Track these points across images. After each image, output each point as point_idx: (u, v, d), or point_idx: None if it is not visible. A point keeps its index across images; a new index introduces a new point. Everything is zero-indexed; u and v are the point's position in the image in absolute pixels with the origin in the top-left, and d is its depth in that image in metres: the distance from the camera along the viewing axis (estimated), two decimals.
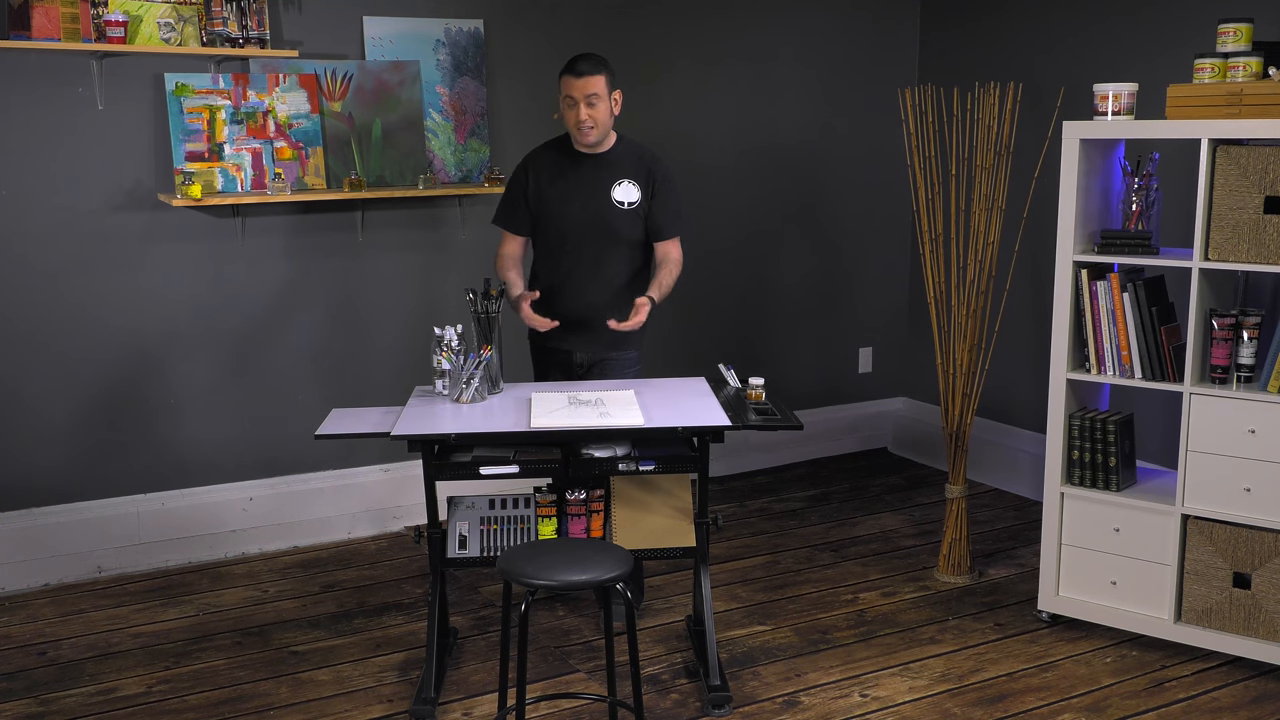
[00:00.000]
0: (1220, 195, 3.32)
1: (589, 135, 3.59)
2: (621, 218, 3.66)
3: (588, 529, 3.37)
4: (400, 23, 4.36)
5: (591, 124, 3.57)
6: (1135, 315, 3.51)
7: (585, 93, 3.53)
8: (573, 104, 3.56)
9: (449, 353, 3.38)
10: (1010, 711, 3.23)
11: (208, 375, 4.29)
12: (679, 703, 3.28)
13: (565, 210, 3.67)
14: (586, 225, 3.66)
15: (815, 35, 5.20)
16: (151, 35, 3.90)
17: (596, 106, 3.55)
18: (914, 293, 5.59)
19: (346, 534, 4.57)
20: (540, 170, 3.71)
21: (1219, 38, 3.38)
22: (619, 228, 3.66)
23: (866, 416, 5.67)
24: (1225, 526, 3.41)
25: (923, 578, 4.16)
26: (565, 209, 3.67)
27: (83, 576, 4.16)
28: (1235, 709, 3.23)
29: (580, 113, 3.55)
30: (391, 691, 3.35)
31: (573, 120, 3.58)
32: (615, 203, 3.65)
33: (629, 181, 3.66)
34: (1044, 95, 4.48)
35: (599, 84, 3.55)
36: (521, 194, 3.73)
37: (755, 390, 3.47)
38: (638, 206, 3.67)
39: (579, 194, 3.66)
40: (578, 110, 3.55)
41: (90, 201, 4.03)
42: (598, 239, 3.66)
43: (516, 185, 3.76)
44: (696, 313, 5.06)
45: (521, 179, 3.74)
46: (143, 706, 3.27)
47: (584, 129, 3.58)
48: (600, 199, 3.65)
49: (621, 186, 3.65)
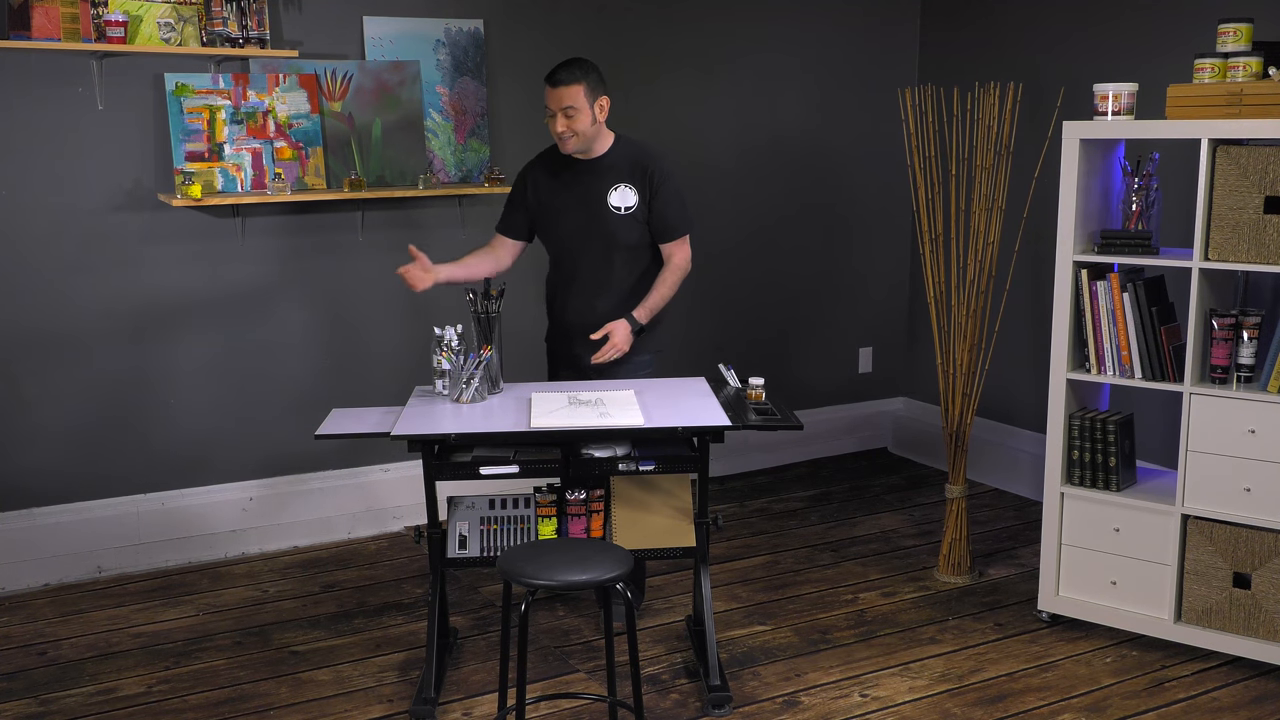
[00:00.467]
0: (1220, 195, 3.32)
1: (568, 145, 3.57)
2: (619, 223, 3.63)
3: (588, 529, 3.37)
4: (400, 23, 4.36)
5: (570, 134, 3.54)
6: (1135, 315, 3.51)
7: (561, 104, 3.50)
8: (551, 114, 3.55)
9: (449, 353, 3.38)
10: (1010, 711, 3.23)
11: (208, 375, 4.29)
12: (679, 703, 3.28)
13: (562, 220, 3.66)
14: (584, 234, 3.64)
15: (815, 35, 5.20)
16: (151, 35, 3.90)
17: (574, 118, 3.51)
18: (914, 293, 5.59)
19: (346, 534, 4.57)
20: (537, 182, 3.70)
21: (1219, 38, 3.38)
22: (617, 233, 3.64)
23: (866, 416, 5.67)
24: (1225, 526, 3.41)
25: (923, 578, 4.16)
26: (562, 219, 3.66)
27: (83, 576, 4.16)
28: (1235, 709, 3.23)
29: (558, 124, 3.53)
30: (391, 691, 3.35)
31: (553, 130, 3.57)
32: (612, 209, 3.62)
33: (625, 185, 3.63)
34: (1044, 95, 4.48)
35: (575, 94, 3.49)
36: (521, 201, 3.74)
37: (755, 390, 3.47)
38: (635, 210, 3.63)
39: (575, 203, 3.65)
40: (556, 121, 3.54)
41: (90, 201, 4.03)
42: (597, 247, 3.65)
43: (516, 193, 3.77)
44: (696, 313, 5.06)
45: (521, 189, 3.75)
46: (143, 706, 3.27)
47: (564, 139, 3.56)
48: (596, 206, 3.63)
49: (618, 191, 3.63)
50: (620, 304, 3.65)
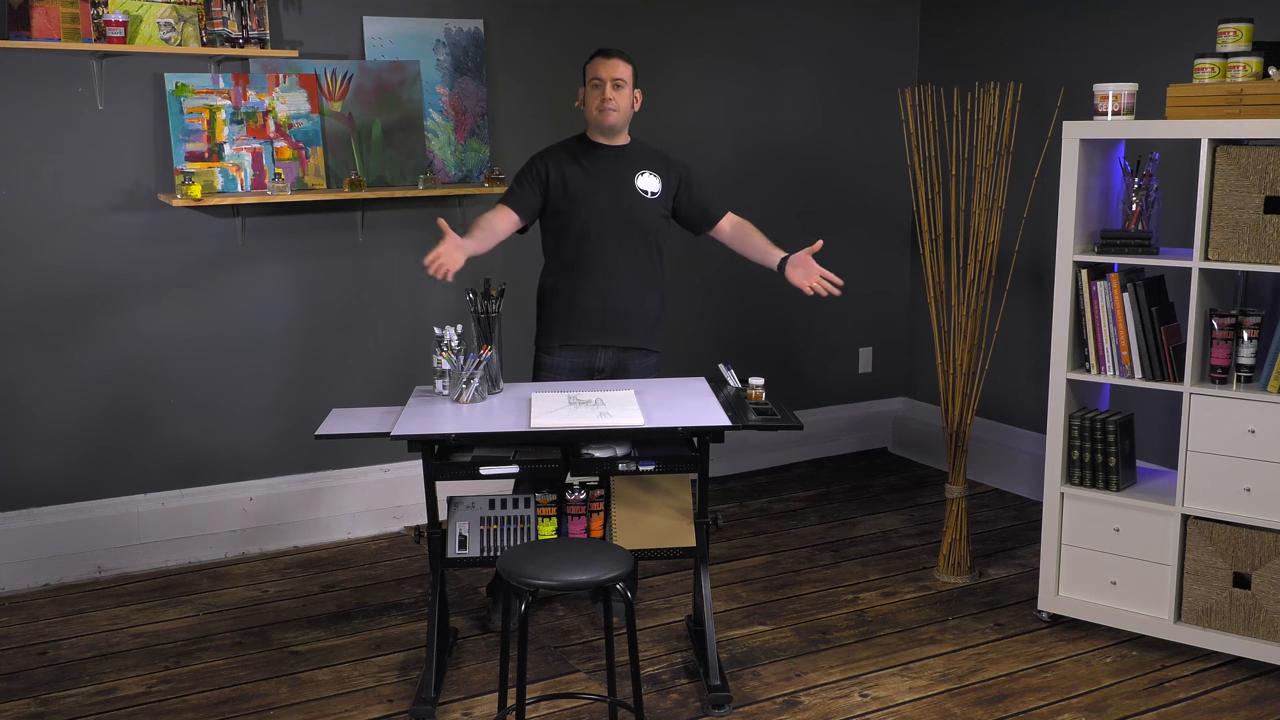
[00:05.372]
0: (1220, 195, 3.32)
1: (610, 117, 3.58)
2: (646, 206, 3.66)
3: (588, 529, 3.37)
4: (400, 23, 4.36)
5: (615, 106, 3.58)
6: (1135, 315, 3.51)
7: (613, 75, 3.57)
8: (599, 85, 3.58)
9: (449, 353, 3.38)
10: (1010, 711, 3.23)
11: (207, 375, 4.29)
12: (679, 703, 3.28)
13: (589, 199, 3.63)
14: (611, 214, 3.63)
15: (815, 35, 5.20)
16: (151, 35, 3.90)
17: (621, 90, 3.59)
18: (914, 293, 5.59)
19: (346, 534, 4.57)
20: (561, 164, 3.66)
21: (1219, 38, 3.38)
22: (643, 217, 3.65)
23: (866, 416, 5.67)
24: (1225, 526, 3.41)
25: (923, 578, 4.16)
26: (589, 198, 3.63)
27: (83, 576, 4.16)
28: (1235, 709, 3.23)
29: (606, 92, 3.57)
30: (391, 691, 3.35)
31: (596, 101, 3.58)
32: (640, 190, 3.65)
33: (650, 172, 3.68)
34: (1044, 95, 4.48)
35: (626, 70, 3.60)
36: (537, 180, 3.65)
37: (755, 390, 3.47)
38: (660, 197, 3.68)
39: (603, 183, 3.64)
40: (603, 90, 3.57)
41: (90, 201, 4.03)
42: (622, 228, 3.64)
43: (532, 171, 3.67)
44: (696, 313, 5.06)
45: (540, 168, 3.66)
46: (143, 706, 3.27)
47: (606, 109, 3.57)
48: (625, 186, 3.64)
49: (644, 176, 3.67)
50: (638, 286, 3.66)
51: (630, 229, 3.65)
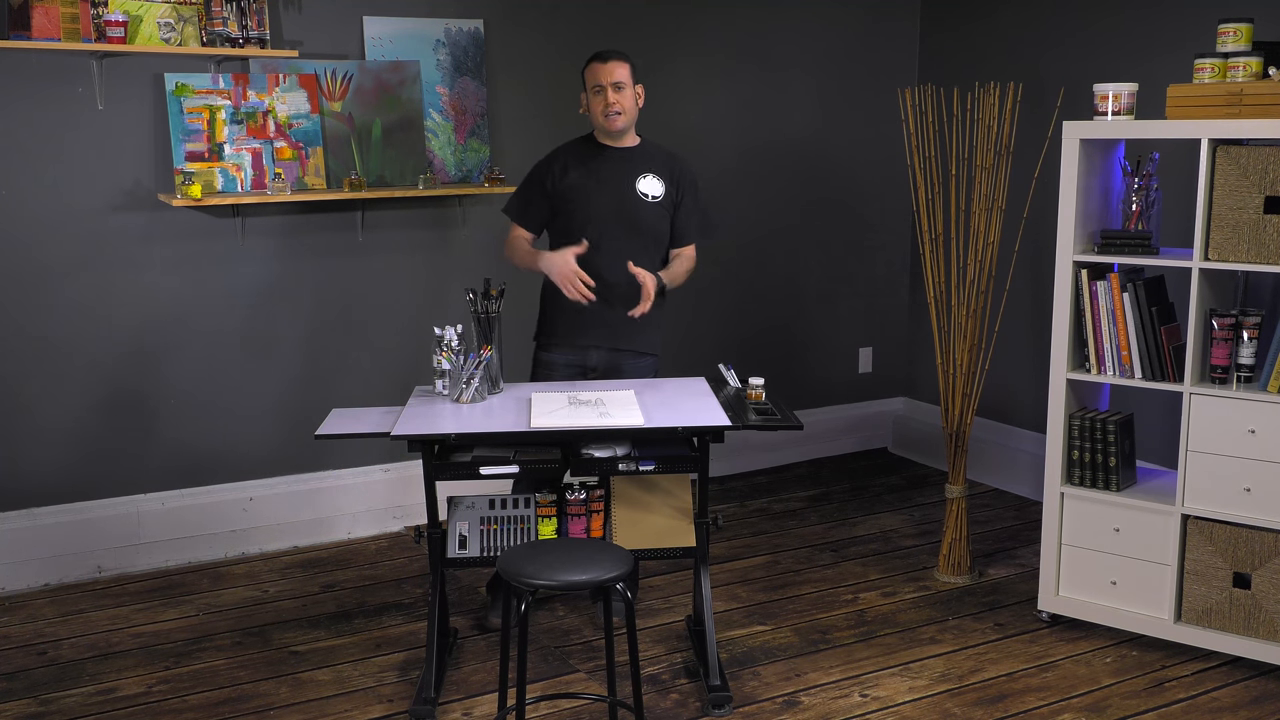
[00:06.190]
0: (1220, 195, 3.32)
1: (617, 121, 3.60)
2: (646, 210, 3.66)
3: (588, 529, 3.37)
4: (400, 23, 4.36)
5: (619, 109, 3.59)
6: (1135, 315, 3.51)
7: (612, 79, 3.57)
8: (600, 90, 3.59)
9: (449, 353, 3.38)
10: (1010, 711, 3.23)
11: (207, 375, 4.29)
12: (679, 703, 3.28)
13: (590, 200, 3.65)
14: (611, 216, 3.64)
15: (815, 35, 5.20)
16: (151, 35, 3.90)
17: (623, 92, 3.60)
18: (914, 293, 5.59)
19: (346, 534, 4.57)
20: (565, 166, 3.69)
21: (1219, 38, 3.38)
22: (643, 219, 3.66)
23: (866, 416, 5.67)
24: (1225, 526, 3.41)
25: (923, 578, 4.16)
26: (589, 199, 3.65)
27: (83, 576, 4.16)
28: (1235, 709, 3.23)
29: (608, 97, 3.58)
30: (391, 691, 3.35)
31: (600, 107, 3.60)
32: (640, 194, 3.66)
33: (654, 175, 3.68)
34: (1044, 95, 4.48)
35: (624, 72, 3.60)
36: (540, 188, 3.71)
37: (755, 390, 3.47)
38: (663, 200, 3.68)
39: (604, 185, 3.65)
40: (605, 95, 3.58)
41: (90, 201, 4.03)
42: (621, 230, 3.65)
43: (536, 177, 3.73)
44: (696, 313, 5.06)
45: (544, 171, 3.71)
46: (143, 706, 3.27)
47: (611, 114, 3.59)
48: (626, 189, 3.65)
49: (647, 179, 3.67)
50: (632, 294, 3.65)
51: (630, 230, 3.65)
